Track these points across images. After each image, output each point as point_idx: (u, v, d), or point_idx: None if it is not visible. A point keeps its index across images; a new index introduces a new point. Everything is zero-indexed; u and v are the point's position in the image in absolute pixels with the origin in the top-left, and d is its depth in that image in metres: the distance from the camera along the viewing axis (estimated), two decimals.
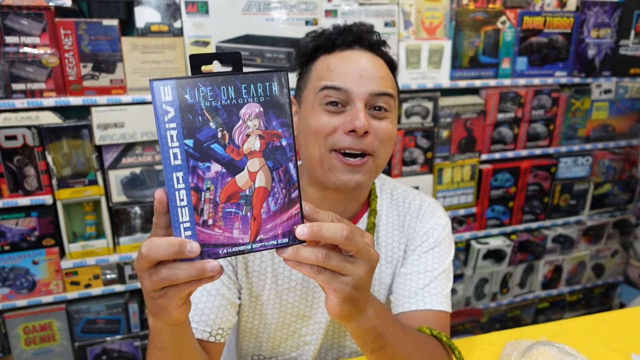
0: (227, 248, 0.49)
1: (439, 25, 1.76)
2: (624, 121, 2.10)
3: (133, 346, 1.67)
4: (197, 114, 0.47)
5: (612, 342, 0.94)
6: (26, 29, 1.36)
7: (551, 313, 2.32)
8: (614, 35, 1.91)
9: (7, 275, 1.50)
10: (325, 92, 0.80)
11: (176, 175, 0.47)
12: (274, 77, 0.49)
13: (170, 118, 0.47)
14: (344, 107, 0.80)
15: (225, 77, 0.48)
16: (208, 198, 0.49)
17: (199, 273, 0.47)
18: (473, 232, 2.00)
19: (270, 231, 0.50)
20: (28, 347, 1.59)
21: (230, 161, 0.49)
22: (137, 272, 0.51)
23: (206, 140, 0.48)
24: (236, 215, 0.49)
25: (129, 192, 1.54)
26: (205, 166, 0.48)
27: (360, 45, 0.84)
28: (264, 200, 0.50)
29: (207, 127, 0.48)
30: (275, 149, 0.50)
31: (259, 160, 0.50)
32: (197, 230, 0.48)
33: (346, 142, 0.78)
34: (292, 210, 0.51)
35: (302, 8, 1.55)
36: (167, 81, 0.47)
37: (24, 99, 1.39)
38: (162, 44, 1.46)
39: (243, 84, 0.48)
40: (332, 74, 0.80)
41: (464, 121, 1.83)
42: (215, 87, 0.48)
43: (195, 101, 0.47)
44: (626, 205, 2.26)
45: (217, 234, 0.49)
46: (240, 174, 0.49)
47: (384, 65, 0.84)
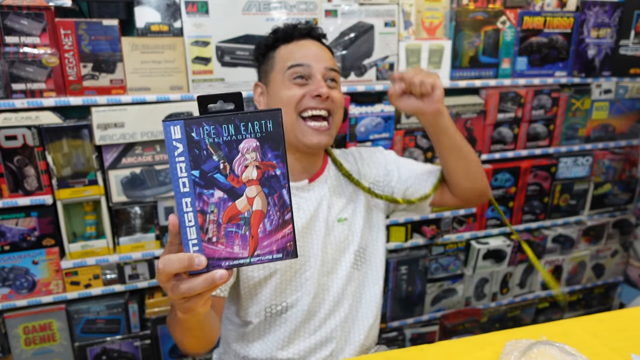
0: (229, 261, 0.58)
1: (439, 25, 1.76)
2: (624, 121, 2.10)
3: (133, 346, 1.67)
4: (202, 149, 0.56)
5: (612, 342, 0.94)
6: (26, 29, 1.36)
7: (551, 313, 2.32)
8: (614, 35, 1.91)
9: (7, 275, 1.50)
10: (292, 70, 1.04)
11: (185, 200, 0.57)
12: (270, 116, 0.56)
13: (180, 153, 0.56)
14: (307, 81, 1.04)
15: (226, 116, 0.56)
16: (212, 219, 0.57)
17: (210, 283, 0.57)
18: (473, 232, 2.00)
19: (266, 247, 0.59)
20: (28, 347, 1.59)
21: (231, 188, 0.57)
22: (161, 285, 0.61)
23: (210, 171, 0.56)
24: (236, 234, 0.58)
25: (129, 192, 1.54)
26: (210, 193, 0.57)
27: (310, 36, 1.10)
28: (260, 221, 0.58)
29: (210, 159, 0.56)
30: (270, 177, 0.58)
31: (256, 187, 0.58)
32: (203, 246, 0.57)
33: (312, 104, 1.02)
34: (285, 230, 0.59)
35: (302, 8, 1.55)
36: (176, 122, 0.55)
37: (24, 99, 1.39)
38: (162, 44, 1.46)
39: (242, 122, 0.56)
40: (295, 55, 1.05)
41: (464, 121, 1.83)
42: (217, 125, 0.56)
43: (201, 138, 0.56)
44: (626, 205, 2.26)
45: (220, 250, 0.58)
46: (239, 199, 0.57)
47: (328, 51, 1.11)
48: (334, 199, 1.12)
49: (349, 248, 1.12)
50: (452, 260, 2.01)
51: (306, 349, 1.08)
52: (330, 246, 1.09)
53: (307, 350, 1.08)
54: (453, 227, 1.98)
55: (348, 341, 1.12)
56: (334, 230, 1.10)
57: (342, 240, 1.11)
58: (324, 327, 1.09)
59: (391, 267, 1.91)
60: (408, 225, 1.89)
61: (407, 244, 1.91)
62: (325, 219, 1.09)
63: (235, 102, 0.58)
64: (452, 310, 2.08)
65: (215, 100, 0.58)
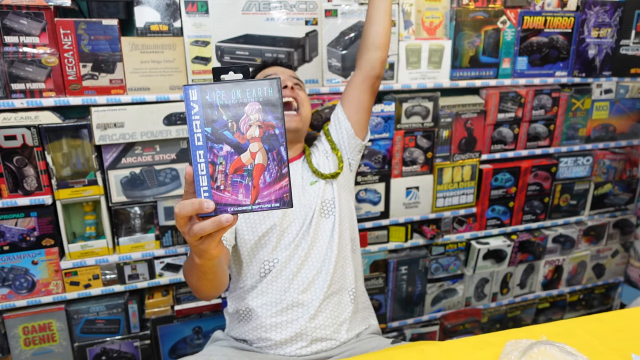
0: (234, 207, 0.68)
1: (439, 25, 1.76)
2: (625, 121, 2.09)
3: (133, 346, 1.67)
4: (214, 109, 0.66)
5: (613, 342, 0.94)
6: (25, 28, 1.36)
7: (551, 313, 2.32)
8: (614, 35, 1.91)
9: (7, 275, 1.50)
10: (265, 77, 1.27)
11: (199, 152, 0.67)
12: (270, 83, 0.66)
13: (196, 112, 0.66)
14: None
15: (235, 83, 0.66)
16: (221, 170, 0.67)
17: (218, 225, 0.67)
18: (473, 232, 2.00)
19: (266, 197, 0.68)
20: (27, 348, 1.59)
21: (237, 144, 0.67)
22: (180, 229, 0.72)
23: (220, 128, 0.67)
24: (241, 184, 0.67)
25: (128, 192, 1.54)
26: (219, 147, 0.67)
27: (277, 65, 1.45)
28: (261, 173, 0.67)
29: (221, 119, 0.66)
30: (271, 136, 0.67)
31: (258, 143, 0.67)
32: (212, 192, 0.67)
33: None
34: (282, 182, 0.68)
35: (302, 8, 1.55)
36: (194, 86, 0.66)
37: (23, 99, 1.39)
38: (161, 44, 1.46)
39: (247, 88, 0.66)
40: (266, 73, 1.40)
41: (464, 121, 1.83)
42: (227, 90, 0.66)
43: (213, 100, 0.66)
44: (627, 206, 2.26)
45: (226, 197, 0.68)
46: (244, 154, 0.67)
47: (293, 72, 1.45)
48: (304, 173, 1.36)
49: (317, 202, 1.31)
50: (452, 260, 2.01)
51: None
52: (305, 206, 1.29)
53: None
54: (453, 227, 1.97)
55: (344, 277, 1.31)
56: (307, 192, 1.31)
57: (314, 198, 1.31)
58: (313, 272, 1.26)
59: (391, 267, 1.91)
60: (408, 226, 1.89)
61: (407, 244, 1.91)
62: (301, 185, 1.32)
63: (243, 73, 0.69)
64: (452, 310, 2.08)
65: (227, 71, 0.69)
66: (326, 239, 1.28)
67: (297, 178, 1.34)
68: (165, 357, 1.75)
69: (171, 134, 1.50)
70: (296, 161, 1.38)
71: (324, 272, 1.25)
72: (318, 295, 1.23)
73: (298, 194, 1.31)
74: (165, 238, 1.62)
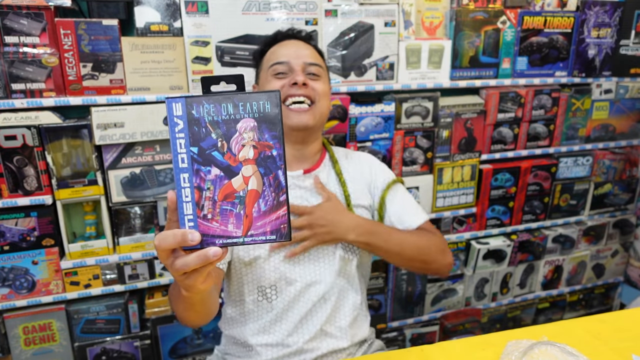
0: (223, 239, 0.59)
1: (439, 25, 1.76)
2: (625, 121, 2.09)
3: (133, 346, 1.67)
4: (201, 126, 0.57)
5: (613, 343, 0.94)
6: (26, 28, 1.36)
7: (551, 313, 2.32)
8: (614, 35, 1.91)
9: (7, 275, 1.50)
10: (274, 67, 1.14)
11: (183, 175, 0.58)
12: (267, 97, 0.57)
13: (180, 129, 0.57)
14: (287, 75, 1.14)
15: (226, 96, 0.57)
16: (208, 196, 0.58)
17: (204, 259, 0.58)
18: (473, 232, 2.00)
19: (260, 228, 0.59)
20: (28, 348, 1.59)
21: (228, 167, 0.58)
22: (162, 262, 0.64)
23: (208, 148, 0.58)
24: (231, 212, 0.59)
25: (128, 192, 1.54)
26: (207, 170, 0.58)
27: (294, 37, 1.21)
28: (255, 201, 0.59)
29: (209, 137, 0.58)
30: (267, 158, 0.58)
31: (252, 166, 0.58)
32: (198, 222, 0.59)
33: (291, 91, 1.11)
34: (280, 211, 0.59)
35: (302, 8, 1.55)
36: (178, 99, 0.57)
37: (23, 99, 1.39)
38: (162, 44, 1.46)
39: (240, 102, 0.57)
40: (277, 55, 1.16)
41: (464, 121, 1.83)
42: (217, 104, 0.57)
43: (200, 116, 0.57)
44: (627, 205, 2.26)
45: (214, 227, 0.59)
46: (235, 178, 0.58)
47: (312, 49, 1.19)
48: (329, 187, 1.20)
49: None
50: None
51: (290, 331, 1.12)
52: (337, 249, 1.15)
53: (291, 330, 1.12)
54: (453, 227, 1.97)
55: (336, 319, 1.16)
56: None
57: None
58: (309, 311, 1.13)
59: (391, 267, 1.91)
60: None
61: None
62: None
63: (237, 84, 0.59)
64: (452, 310, 2.08)
65: (218, 81, 0.59)
66: (344, 283, 1.15)
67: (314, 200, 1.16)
68: (165, 357, 1.76)
69: None
70: (314, 171, 1.19)
71: (337, 319, 1.14)
72: (328, 344, 1.12)
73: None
74: None
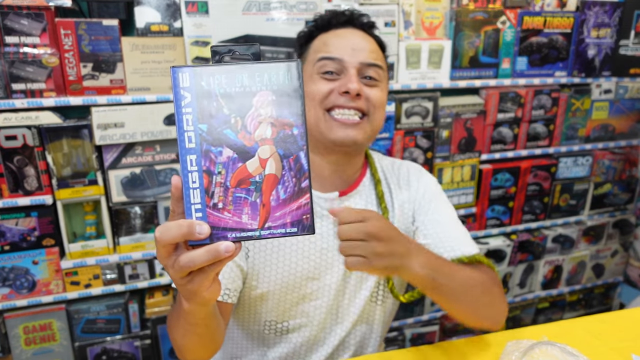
0: (236, 232, 0.50)
1: (439, 25, 1.76)
2: (624, 121, 2.10)
3: (133, 346, 1.67)
4: (212, 100, 0.49)
5: (613, 343, 0.94)
6: (26, 29, 1.36)
7: (551, 313, 2.32)
8: (614, 35, 1.91)
9: (7, 275, 1.50)
10: (321, 63, 0.91)
11: (189, 157, 0.50)
12: (287, 66, 0.50)
13: (187, 103, 0.49)
14: (338, 75, 0.91)
15: (240, 66, 0.50)
16: (219, 182, 0.50)
17: (214, 256, 0.49)
18: (473, 232, 2.00)
19: (279, 219, 0.51)
20: (28, 347, 1.59)
21: (242, 147, 0.50)
22: (161, 262, 0.53)
23: (219, 125, 0.50)
24: (245, 201, 0.51)
25: (129, 192, 1.54)
26: (218, 150, 0.50)
27: (352, 25, 0.96)
28: (273, 187, 0.51)
29: (221, 113, 0.50)
30: (287, 137, 0.50)
31: (269, 147, 0.50)
32: (207, 212, 0.50)
33: (340, 101, 0.89)
34: (301, 199, 0.51)
35: (302, 8, 1.55)
36: (185, 68, 0.49)
37: (24, 99, 1.39)
38: (162, 44, 1.46)
39: (257, 72, 0.50)
40: (328, 47, 0.92)
41: (464, 121, 1.83)
42: (230, 75, 0.49)
43: (211, 88, 0.49)
44: (626, 205, 2.26)
45: (226, 218, 0.50)
46: (251, 160, 0.50)
47: (373, 42, 0.96)
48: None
49: (368, 279, 0.99)
50: None
51: None
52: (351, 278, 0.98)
53: None
54: None
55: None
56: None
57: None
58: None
59: None
60: None
61: None
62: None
63: (253, 55, 0.52)
64: None
65: (230, 52, 0.52)
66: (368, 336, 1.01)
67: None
68: (166, 356, 1.76)
69: (171, 134, 1.50)
70: (352, 192, 0.99)
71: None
72: None
73: (341, 259, 0.95)
74: None
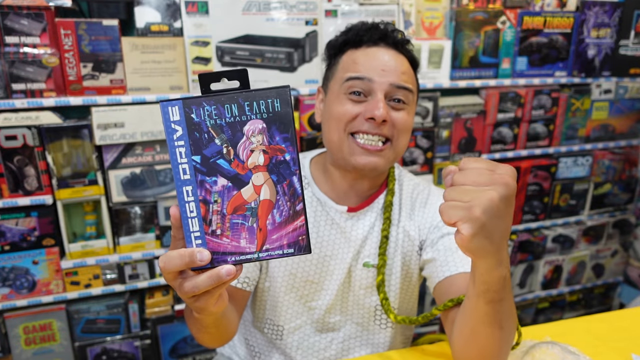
0: (235, 256, 0.53)
1: (439, 25, 1.76)
2: (624, 121, 2.10)
3: (133, 346, 1.67)
4: (203, 132, 0.51)
5: (613, 342, 0.94)
6: (26, 29, 1.36)
7: (551, 313, 2.32)
8: (614, 35, 1.92)
9: (7, 275, 1.50)
10: (349, 83, 0.89)
11: (185, 189, 0.52)
12: (277, 94, 0.51)
13: (179, 136, 0.51)
14: (365, 97, 0.89)
15: (229, 95, 0.50)
16: (216, 210, 0.52)
17: (216, 280, 0.52)
18: None
19: (276, 241, 0.53)
20: (28, 347, 1.59)
21: (236, 175, 0.52)
22: (169, 283, 0.57)
23: (212, 156, 0.52)
24: (242, 226, 0.53)
25: (129, 192, 1.54)
26: (212, 180, 0.52)
27: (385, 42, 0.92)
28: (269, 212, 0.53)
29: (212, 143, 0.51)
30: (279, 163, 0.52)
31: (263, 174, 0.52)
32: (206, 239, 0.53)
33: (365, 127, 0.87)
34: (297, 222, 0.53)
35: (302, 8, 1.55)
36: (174, 102, 0.50)
37: (24, 99, 1.39)
38: (162, 44, 1.46)
39: (246, 101, 0.51)
40: (357, 66, 0.89)
41: (464, 121, 1.83)
42: (219, 105, 0.51)
43: (201, 119, 0.51)
44: (626, 205, 2.26)
45: (225, 243, 0.53)
46: (245, 188, 0.52)
47: (406, 62, 0.93)
48: (368, 240, 0.97)
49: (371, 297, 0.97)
50: None
51: None
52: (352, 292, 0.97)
53: None
54: None
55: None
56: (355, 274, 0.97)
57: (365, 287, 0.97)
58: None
59: None
60: None
61: None
62: (349, 263, 0.96)
63: (240, 81, 0.52)
64: None
65: (219, 78, 0.52)
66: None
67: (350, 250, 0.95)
68: (166, 356, 1.76)
69: None
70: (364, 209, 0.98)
71: None
72: None
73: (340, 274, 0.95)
74: (166, 238, 1.62)
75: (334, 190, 0.98)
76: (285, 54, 1.56)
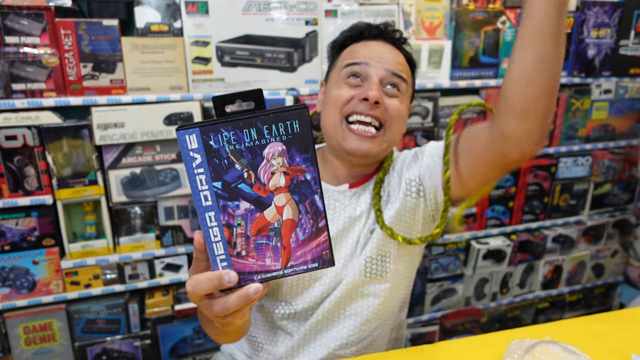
0: (261, 275, 0.54)
1: (439, 25, 1.76)
2: (624, 121, 2.10)
3: (133, 346, 1.67)
4: (222, 158, 0.51)
5: (612, 342, 0.94)
6: (26, 29, 1.36)
7: (551, 313, 2.32)
8: (614, 35, 1.92)
9: (7, 275, 1.50)
10: (348, 68, 0.94)
11: (208, 215, 0.52)
12: (295, 115, 0.50)
13: (198, 164, 0.50)
14: (361, 82, 0.94)
15: (247, 119, 0.50)
16: (240, 233, 0.53)
17: (245, 300, 0.54)
18: (473, 232, 2.00)
19: (300, 258, 0.54)
20: (28, 347, 1.59)
21: (258, 198, 0.52)
22: (195, 304, 0.58)
23: (233, 181, 0.51)
24: (267, 246, 0.54)
25: (129, 192, 1.54)
26: (235, 205, 0.52)
27: (384, 38, 0.99)
28: (292, 231, 0.54)
29: (233, 169, 0.51)
30: (300, 183, 0.53)
31: (284, 195, 0.53)
32: (232, 261, 0.53)
33: (359, 108, 0.92)
34: (320, 238, 0.54)
35: (302, 8, 1.55)
36: (192, 130, 0.49)
37: (24, 99, 1.39)
38: (162, 44, 1.46)
39: (264, 124, 0.50)
40: (355, 54, 0.96)
41: (464, 121, 1.83)
42: (237, 130, 0.50)
43: (220, 146, 0.50)
44: (626, 205, 2.26)
45: (250, 263, 0.54)
46: (268, 209, 0.53)
47: (402, 57, 0.99)
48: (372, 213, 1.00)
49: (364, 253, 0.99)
50: (452, 260, 2.01)
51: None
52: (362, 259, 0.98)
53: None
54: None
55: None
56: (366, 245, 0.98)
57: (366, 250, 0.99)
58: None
59: None
60: None
61: None
62: (360, 232, 0.99)
63: (255, 101, 0.52)
64: (452, 310, 2.08)
65: (233, 100, 0.52)
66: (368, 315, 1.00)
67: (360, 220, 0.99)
68: (166, 357, 1.76)
69: (171, 134, 1.50)
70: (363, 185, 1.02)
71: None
72: None
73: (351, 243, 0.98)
74: (166, 238, 1.62)
75: (335, 177, 1.03)
76: (285, 54, 1.56)
